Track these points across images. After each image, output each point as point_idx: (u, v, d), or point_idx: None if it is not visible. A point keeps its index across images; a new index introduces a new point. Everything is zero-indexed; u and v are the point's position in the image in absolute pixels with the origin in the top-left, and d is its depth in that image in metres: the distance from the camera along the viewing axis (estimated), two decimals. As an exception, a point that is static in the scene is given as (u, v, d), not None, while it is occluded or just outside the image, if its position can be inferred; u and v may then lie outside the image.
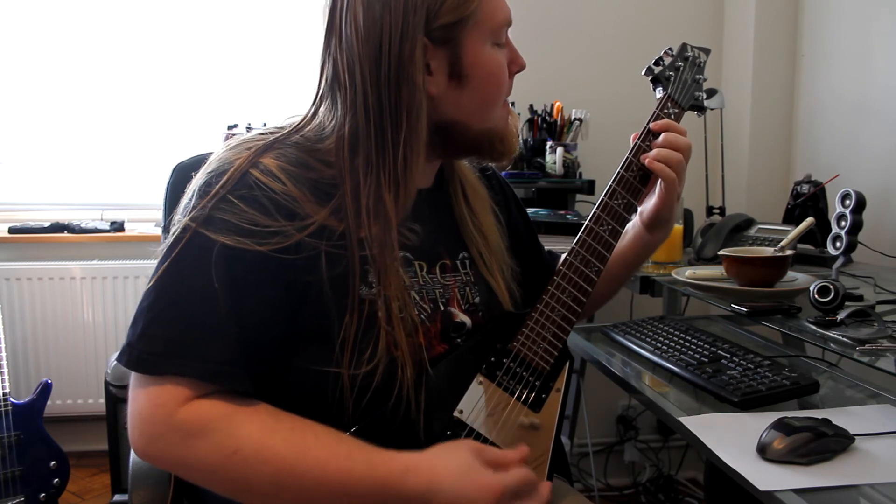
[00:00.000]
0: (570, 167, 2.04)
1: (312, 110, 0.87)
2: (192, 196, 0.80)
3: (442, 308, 0.89)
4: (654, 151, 0.97)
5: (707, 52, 1.08)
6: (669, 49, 1.06)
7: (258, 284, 0.77)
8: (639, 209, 1.04)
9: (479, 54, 0.85)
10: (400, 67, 0.80)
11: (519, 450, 0.81)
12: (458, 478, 0.75)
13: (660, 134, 0.99)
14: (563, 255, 1.18)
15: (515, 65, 0.90)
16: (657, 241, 1.08)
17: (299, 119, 0.88)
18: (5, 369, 1.99)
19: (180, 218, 0.79)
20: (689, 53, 1.06)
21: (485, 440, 0.85)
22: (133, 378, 0.75)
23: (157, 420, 0.72)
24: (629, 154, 0.99)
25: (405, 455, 0.76)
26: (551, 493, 0.83)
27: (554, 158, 2.03)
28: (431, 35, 0.81)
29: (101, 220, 2.47)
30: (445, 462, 0.76)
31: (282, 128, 0.87)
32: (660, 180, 0.98)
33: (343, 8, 0.82)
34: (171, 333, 0.74)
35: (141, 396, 0.74)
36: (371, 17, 0.80)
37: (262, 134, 0.86)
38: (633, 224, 1.07)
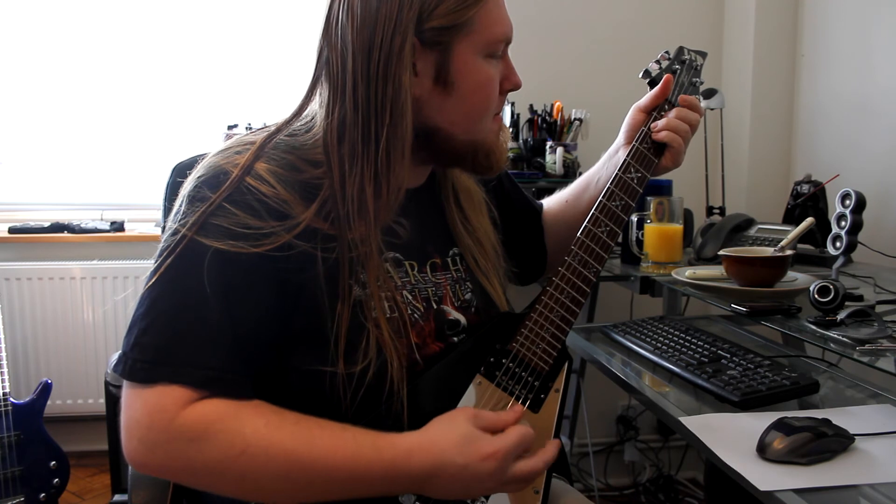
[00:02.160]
0: (570, 167, 2.04)
1: (304, 100, 0.87)
2: (183, 202, 0.80)
3: (435, 307, 0.89)
4: (664, 121, 1.00)
5: (704, 55, 1.08)
6: (666, 52, 1.07)
7: (251, 287, 0.77)
8: None
9: (468, 64, 0.83)
10: (388, 62, 0.79)
11: (514, 409, 0.84)
12: (459, 450, 0.76)
13: (669, 106, 1.02)
14: (546, 204, 1.19)
15: (509, 82, 0.89)
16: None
17: (291, 113, 0.87)
18: (5, 369, 1.99)
19: (172, 225, 0.79)
20: (686, 56, 1.06)
21: None
22: (126, 385, 0.74)
23: (158, 426, 0.72)
24: (627, 156, 0.99)
25: (408, 437, 0.77)
26: (558, 450, 0.86)
27: (554, 158, 2.03)
28: (422, 36, 0.81)
29: (101, 220, 2.47)
30: (447, 437, 0.77)
31: (271, 128, 0.87)
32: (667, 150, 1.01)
33: None
34: (165, 341, 0.74)
35: (137, 403, 0.73)
36: (367, 8, 0.80)
37: (253, 132, 0.86)
38: None
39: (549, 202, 1.18)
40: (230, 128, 2.22)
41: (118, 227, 2.41)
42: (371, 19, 0.79)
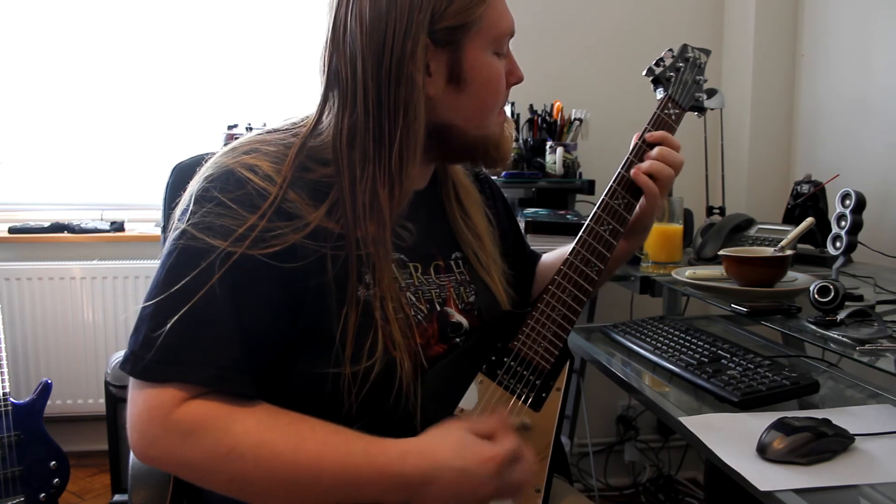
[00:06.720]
0: (570, 167, 2.04)
1: (318, 110, 0.86)
2: (190, 202, 0.80)
3: (438, 308, 0.89)
4: (647, 164, 0.97)
5: (708, 53, 1.08)
6: (670, 50, 1.07)
7: (258, 288, 0.77)
8: None
9: (479, 60, 0.85)
10: (401, 64, 0.80)
11: (501, 414, 0.84)
12: (457, 454, 0.75)
13: (653, 145, 0.99)
14: (544, 256, 1.17)
15: (513, 76, 0.91)
16: (634, 247, 1.09)
17: (309, 125, 0.86)
18: (5, 369, 1.99)
19: (178, 224, 0.79)
20: (690, 54, 1.06)
21: None
22: (132, 382, 0.75)
23: (156, 421, 0.72)
24: (630, 154, 0.99)
25: (402, 441, 0.76)
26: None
27: (554, 158, 2.03)
28: (434, 36, 0.81)
29: (101, 220, 2.47)
30: (443, 441, 0.76)
31: (279, 129, 0.87)
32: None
33: (349, 2, 0.82)
34: (174, 341, 0.73)
35: (139, 399, 0.73)
36: (376, 12, 0.80)
37: (269, 132, 0.86)
38: None
39: (549, 256, 1.17)
40: (230, 128, 2.22)
41: (118, 227, 2.41)
42: (381, 23, 0.80)
